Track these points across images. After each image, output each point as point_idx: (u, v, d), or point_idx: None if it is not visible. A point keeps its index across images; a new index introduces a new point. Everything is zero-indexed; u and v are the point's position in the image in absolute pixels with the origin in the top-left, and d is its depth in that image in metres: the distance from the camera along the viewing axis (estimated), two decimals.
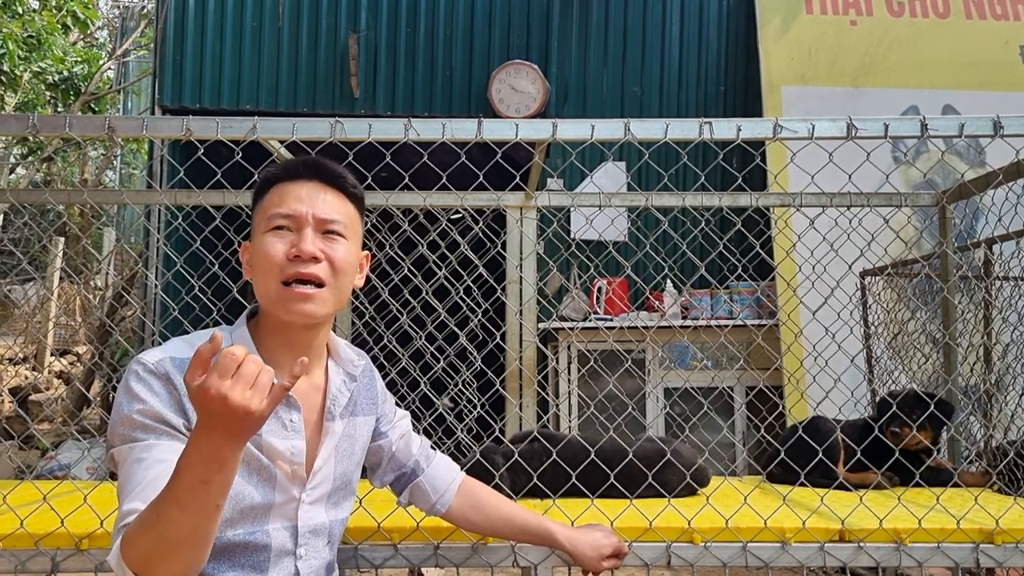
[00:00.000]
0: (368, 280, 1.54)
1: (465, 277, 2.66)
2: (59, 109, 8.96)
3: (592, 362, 2.63)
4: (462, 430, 2.83)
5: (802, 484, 2.28)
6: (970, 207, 4.25)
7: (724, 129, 1.89)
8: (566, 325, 4.88)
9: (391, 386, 1.89)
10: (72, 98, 8.58)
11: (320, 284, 1.35)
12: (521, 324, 3.31)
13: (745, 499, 1.96)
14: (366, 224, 1.59)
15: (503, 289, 3.03)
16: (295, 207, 1.36)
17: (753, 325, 4.74)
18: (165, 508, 1.06)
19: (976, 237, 3.18)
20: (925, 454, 2.51)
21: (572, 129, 1.92)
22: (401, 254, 2.69)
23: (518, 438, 2.30)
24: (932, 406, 2.36)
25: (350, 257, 1.41)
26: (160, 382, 1.27)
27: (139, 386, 1.26)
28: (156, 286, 4.56)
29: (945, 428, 2.56)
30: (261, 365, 1.03)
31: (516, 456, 2.15)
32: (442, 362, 2.54)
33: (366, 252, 1.52)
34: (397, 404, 1.76)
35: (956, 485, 2.36)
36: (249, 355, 1.03)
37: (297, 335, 1.40)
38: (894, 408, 2.44)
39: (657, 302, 5.27)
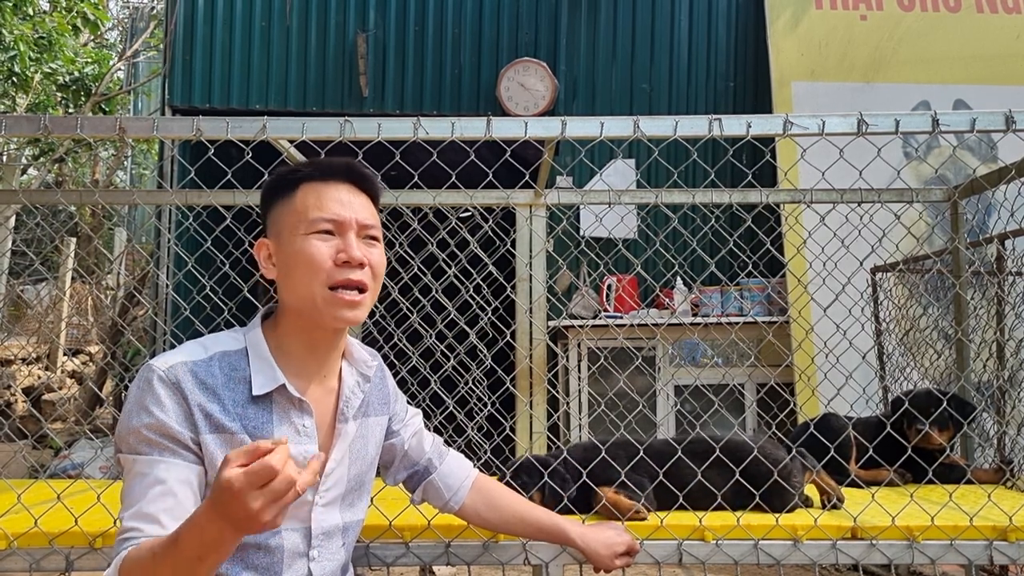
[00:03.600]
0: None
1: (475, 275, 2.66)
2: (70, 110, 9.00)
3: (602, 360, 2.63)
4: (472, 428, 2.83)
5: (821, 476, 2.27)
6: (982, 202, 4.22)
7: (734, 126, 1.89)
8: (576, 323, 4.87)
9: (401, 384, 1.89)
10: (83, 99, 8.62)
11: (364, 289, 1.37)
12: (531, 322, 3.31)
13: (757, 496, 1.95)
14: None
15: (513, 287, 3.03)
16: (339, 211, 1.37)
17: (764, 322, 4.72)
18: (160, 568, 1.11)
19: (988, 232, 3.15)
20: (938, 451, 2.50)
21: (581, 127, 1.91)
22: (411, 253, 2.69)
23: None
24: (953, 407, 2.35)
25: (384, 260, 1.44)
26: (169, 391, 1.28)
27: (148, 397, 1.27)
28: (167, 286, 4.58)
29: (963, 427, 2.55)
30: (292, 483, 1.01)
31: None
32: (452, 360, 2.54)
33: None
34: (408, 402, 1.77)
35: (969, 482, 2.34)
36: (285, 469, 1.01)
37: (322, 337, 1.41)
38: (911, 409, 2.43)
39: (667, 299, 5.26)
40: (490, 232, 2.39)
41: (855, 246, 2.24)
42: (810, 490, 2.12)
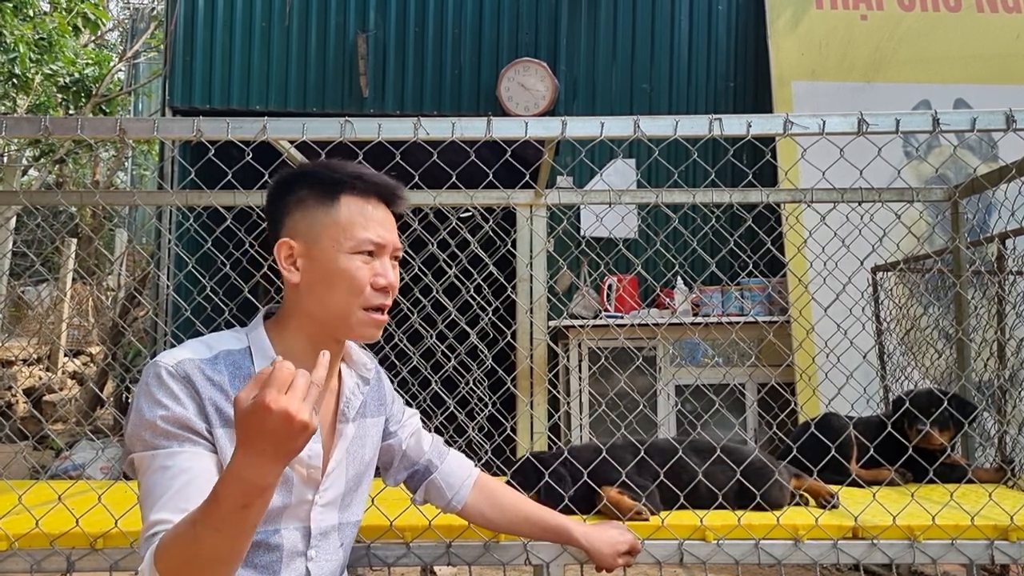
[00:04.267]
0: None
1: (475, 275, 2.66)
2: (71, 111, 9.00)
3: (603, 360, 2.63)
4: (473, 428, 2.83)
5: (816, 480, 2.27)
6: (982, 202, 4.22)
7: (734, 125, 1.89)
8: (577, 323, 4.87)
9: (402, 385, 1.89)
10: (83, 100, 8.62)
11: (389, 310, 1.42)
12: (532, 322, 3.31)
13: (758, 496, 1.95)
14: None
15: (513, 287, 3.03)
16: (383, 236, 1.39)
17: (764, 322, 4.72)
18: (202, 532, 1.06)
19: (989, 232, 3.15)
20: (939, 451, 2.50)
21: (582, 126, 1.91)
22: (411, 253, 2.69)
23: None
24: (954, 406, 2.35)
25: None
26: (181, 385, 1.27)
27: (160, 391, 1.26)
28: (168, 286, 4.58)
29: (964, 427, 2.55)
30: (308, 377, 1.04)
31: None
32: (453, 361, 2.54)
33: None
34: (408, 403, 1.77)
35: (970, 481, 2.34)
36: (298, 369, 1.04)
37: (332, 345, 1.41)
38: (912, 408, 2.43)
39: (668, 299, 5.26)
40: (491, 232, 2.39)
41: (856, 246, 2.24)
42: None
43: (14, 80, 7.30)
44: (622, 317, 5.00)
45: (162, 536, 1.12)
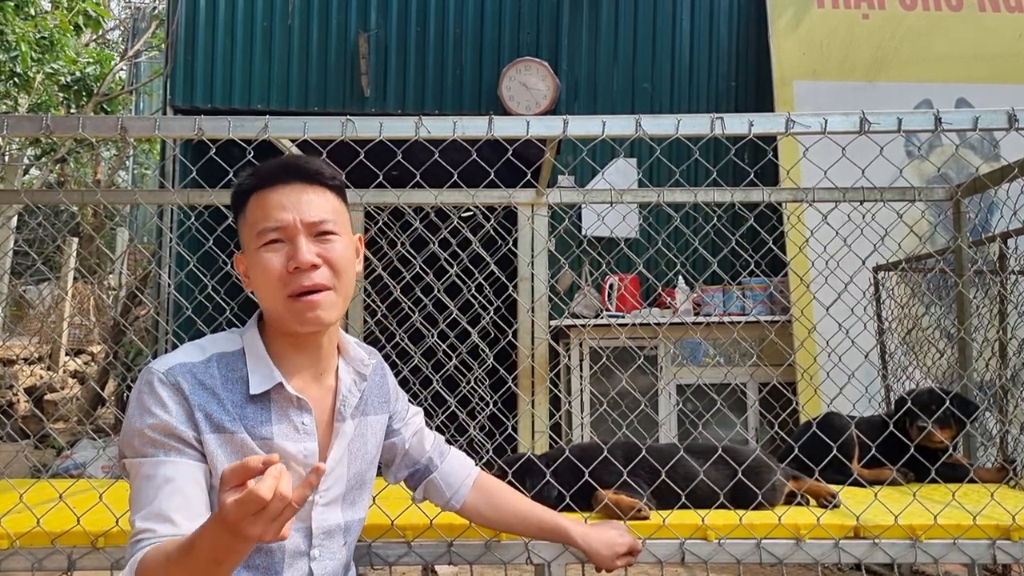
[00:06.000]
0: (379, 278, 1.54)
1: (477, 275, 2.66)
2: (72, 110, 9.00)
3: (604, 359, 2.63)
4: (475, 427, 2.83)
5: (816, 481, 2.26)
6: (984, 201, 4.21)
7: (736, 124, 1.89)
8: (578, 322, 4.87)
9: (403, 384, 1.89)
10: (85, 99, 8.62)
11: (325, 288, 1.35)
12: (533, 321, 3.31)
13: (760, 495, 1.95)
14: (378, 222, 1.59)
15: (515, 286, 3.03)
16: (280, 216, 1.33)
17: (766, 321, 4.71)
18: (176, 572, 1.10)
19: (991, 231, 3.15)
20: (941, 450, 2.50)
21: (583, 125, 1.91)
22: (413, 252, 2.69)
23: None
24: (956, 406, 2.35)
25: (347, 252, 1.40)
26: (170, 391, 1.29)
27: (150, 399, 1.28)
28: (169, 285, 4.58)
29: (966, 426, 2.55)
30: (286, 502, 0.99)
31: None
32: (454, 360, 2.54)
33: (357, 235, 1.50)
34: (410, 401, 1.77)
35: (972, 481, 2.34)
36: (279, 488, 0.98)
37: (306, 338, 1.40)
38: (915, 408, 2.43)
39: (669, 298, 5.26)
40: (492, 231, 2.39)
41: (857, 245, 2.24)
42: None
43: (15, 79, 7.30)
44: (623, 316, 5.00)
45: (145, 553, 1.16)
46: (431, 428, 1.76)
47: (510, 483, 1.90)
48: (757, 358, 2.71)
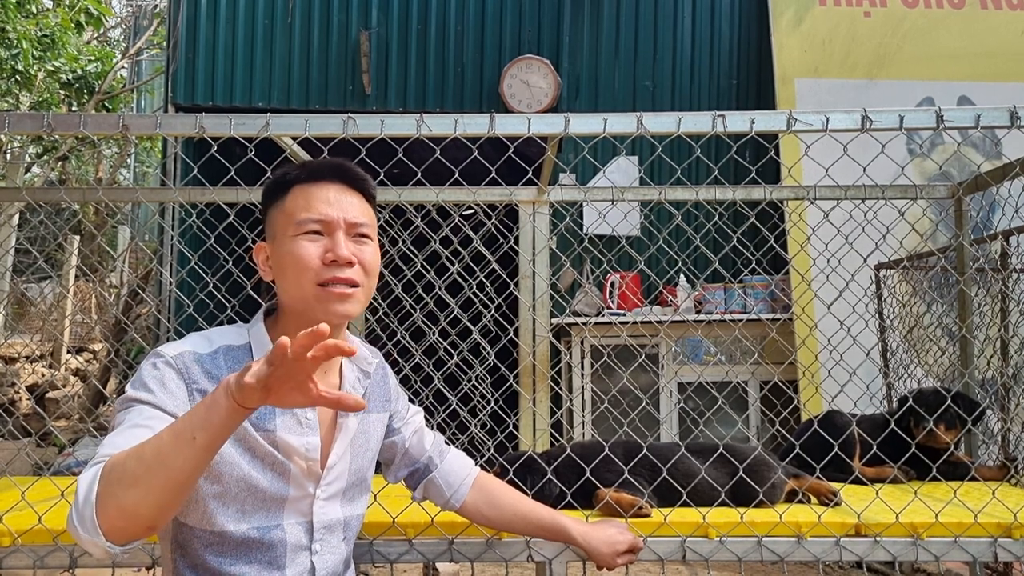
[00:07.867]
0: (380, 275, 1.54)
1: (478, 273, 2.66)
2: (73, 108, 9.01)
3: (605, 357, 2.63)
4: (476, 425, 2.83)
5: (818, 479, 2.26)
6: (986, 199, 4.21)
7: (738, 122, 1.88)
8: (579, 320, 4.87)
9: (404, 382, 1.89)
10: (86, 97, 8.63)
11: (355, 285, 1.38)
12: (534, 319, 3.31)
13: (760, 493, 1.95)
14: (379, 220, 1.60)
15: (516, 284, 3.03)
16: (326, 211, 1.38)
17: (767, 319, 4.71)
18: (145, 449, 1.09)
19: (992, 229, 3.14)
20: (943, 449, 2.50)
21: (585, 123, 1.91)
22: (414, 250, 2.69)
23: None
24: (960, 405, 2.34)
25: (377, 258, 1.45)
26: (175, 375, 1.29)
27: (151, 376, 1.28)
28: (171, 283, 4.58)
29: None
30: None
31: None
32: (455, 358, 2.54)
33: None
34: (411, 400, 1.77)
35: (973, 479, 2.34)
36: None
37: None
38: (919, 408, 2.43)
39: (670, 296, 5.26)
40: (493, 229, 2.39)
41: (859, 243, 2.24)
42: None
43: (17, 77, 7.31)
44: (625, 314, 5.00)
45: (112, 457, 1.12)
46: (431, 427, 1.76)
47: (511, 481, 1.90)
48: (758, 356, 2.71)
